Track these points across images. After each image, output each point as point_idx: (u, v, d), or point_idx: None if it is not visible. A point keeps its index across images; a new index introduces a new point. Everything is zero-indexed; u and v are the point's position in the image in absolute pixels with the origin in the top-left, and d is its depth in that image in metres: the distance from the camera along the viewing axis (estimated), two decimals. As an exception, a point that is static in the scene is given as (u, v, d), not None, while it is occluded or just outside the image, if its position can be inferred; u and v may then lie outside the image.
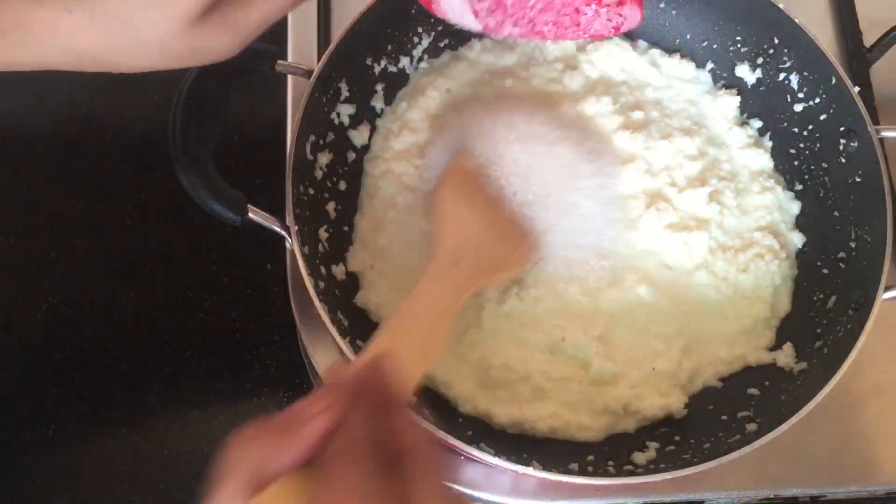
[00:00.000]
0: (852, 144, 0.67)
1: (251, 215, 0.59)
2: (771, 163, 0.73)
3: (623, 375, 0.64)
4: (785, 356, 0.65)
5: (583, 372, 0.64)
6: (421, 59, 0.74)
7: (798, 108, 0.72)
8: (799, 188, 0.72)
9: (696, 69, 0.76)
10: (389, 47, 0.72)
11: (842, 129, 0.68)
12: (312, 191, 0.65)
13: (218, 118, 0.60)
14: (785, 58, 0.71)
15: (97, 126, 0.80)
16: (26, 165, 0.79)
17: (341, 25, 0.67)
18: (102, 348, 0.72)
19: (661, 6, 0.76)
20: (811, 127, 0.71)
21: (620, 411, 0.63)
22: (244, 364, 0.72)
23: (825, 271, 0.68)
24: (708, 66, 0.76)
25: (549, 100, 0.73)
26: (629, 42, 0.76)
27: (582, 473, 0.58)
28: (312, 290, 0.58)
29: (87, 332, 0.73)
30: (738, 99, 0.74)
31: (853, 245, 0.66)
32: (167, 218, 0.77)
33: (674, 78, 0.76)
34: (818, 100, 0.70)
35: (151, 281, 0.75)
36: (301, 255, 0.58)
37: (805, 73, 0.71)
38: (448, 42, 0.75)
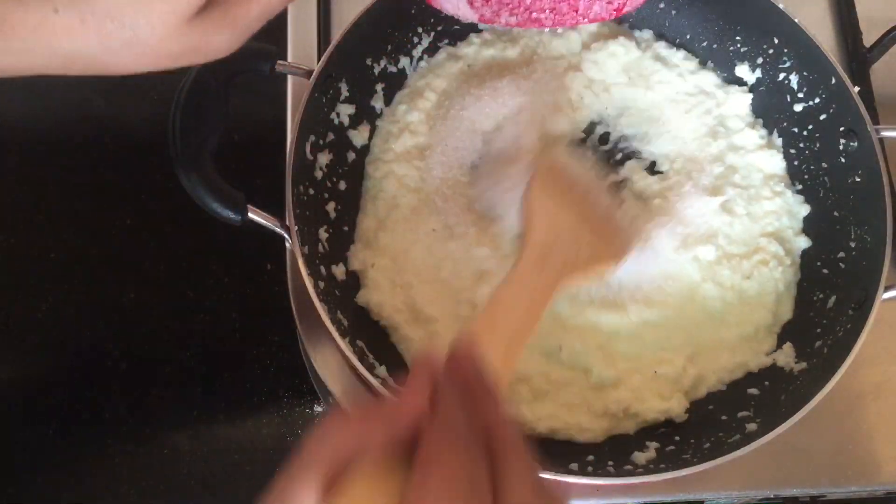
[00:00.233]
0: (852, 144, 0.67)
1: (251, 215, 0.58)
2: (783, 164, 0.72)
3: (624, 379, 0.64)
4: (785, 356, 0.65)
5: (583, 377, 0.64)
6: (421, 59, 0.74)
7: (798, 108, 0.72)
8: (799, 188, 0.72)
9: (699, 66, 0.76)
10: (389, 47, 0.72)
11: (842, 129, 0.68)
12: (312, 191, 0.65)
13: (218, 118, 0.60)
14: (785, 58, 0.71)
15: (97, 126, 0.80)
16: (26, 165, 0.79)
17: (341, 25, 0.67)
18: (102, 348, 0.72)
19: (661, 6, 0.76)
20: (811, 127, 0.71)
21: (620, 414, 0.63)
22: (244, 364, 0.73)
23: (825, 271, 0.68)
24: (708, 66, 0.76)
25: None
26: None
27: (582, 473, 0.57)
28: (312, 290, 0.58)
29: (87, 332, 0.73)
30: (751, 96, 0.74)
31: (853, 245, 0.66)
32: (167, 218, 0.77)
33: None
34: (818, 100, 0.70)
35: (151, 281, 0.75)
36: (301, 256, 0.58)
37: (805, 73, 0.70)
38: (448, 42, 0.75)
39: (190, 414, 0.71)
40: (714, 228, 0.68)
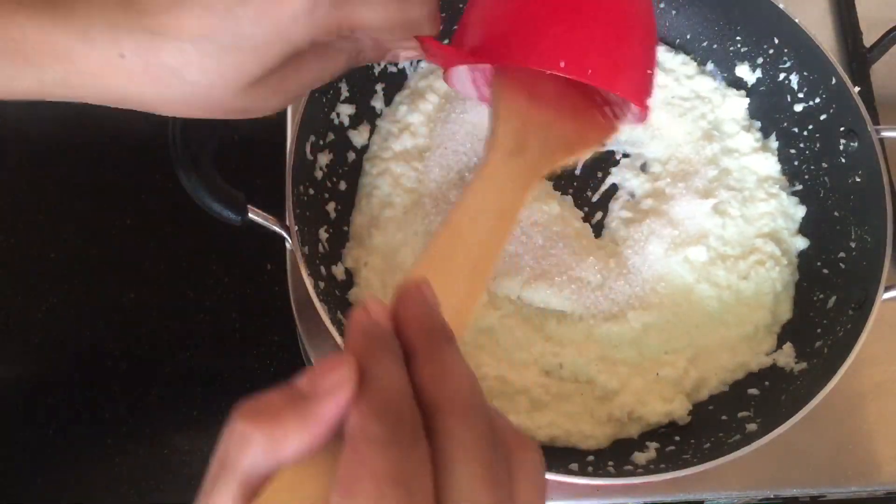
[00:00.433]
0: (852, 144, 0.67)
1: (251, 215, 0.58)
2: (778, 166, 0.72)
3: (627, 384, 0.64)
4: (785, 356, 0.65)
5: (587, 388, 0.64)
6: (421, 59, 0.74)
7: (798, 108, 0.72)
8: (799, 188, 0.72)
9: (697, 70, 0.76)
10: (389, 47, 0.72)
11: (842, 129, 0.68)
12: (312, 191, 0.65)
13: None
14: (785, 58, 0.71)
15: (97, 126, 0.80)
16: (26, 165, 0.79)
17: (341, 25, 0.67)
18: (102, 348, 0.72)
19: (661, 6, 0.76)
20: (811, 127, 0.71)
21: (625, 419, 0.63)
22: (244, 364, 0.72)
23: (825, 271, 0.68)
24: (708, 67, 0.76)
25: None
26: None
27: (582, 473, 0.57)
28: (312, 291, 0.58)
29: (87, 332, 0.73)
30: (748, 101, 0.74)
31: (853, 245, 0.66)
32: (167, 218, 0.76)
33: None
34: (818, 100, 0.70)
35: (151, 281, 0.74)
36: (301, 256, 0.58)
37: (805, 73, 0.70)
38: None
39: (190, 414, 0.71)
40: (705, 230, 0.68)
